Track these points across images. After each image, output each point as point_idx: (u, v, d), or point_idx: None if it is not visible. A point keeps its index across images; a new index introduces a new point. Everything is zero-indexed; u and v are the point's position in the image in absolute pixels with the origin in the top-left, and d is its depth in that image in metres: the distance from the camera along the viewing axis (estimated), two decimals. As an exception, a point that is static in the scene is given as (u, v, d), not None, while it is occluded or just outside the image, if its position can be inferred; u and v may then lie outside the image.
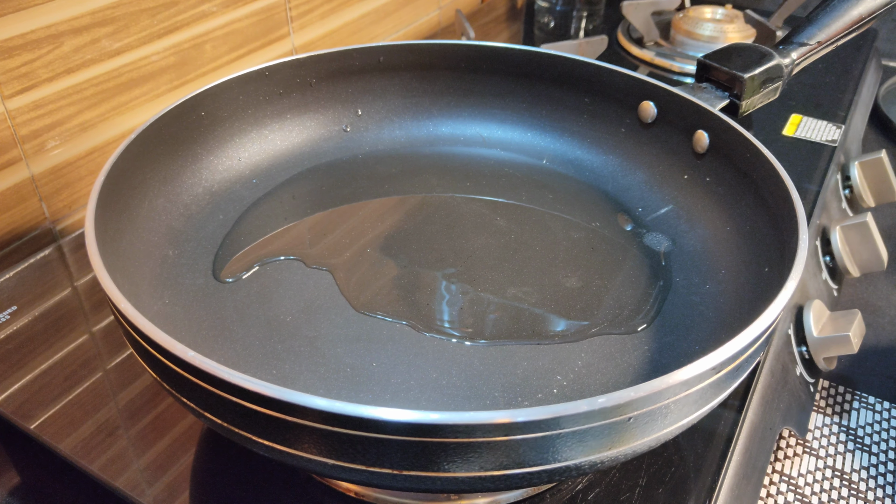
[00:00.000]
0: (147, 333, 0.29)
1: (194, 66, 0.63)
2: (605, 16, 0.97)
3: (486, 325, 0.42)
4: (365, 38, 0.83)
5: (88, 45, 0.54)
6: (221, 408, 0.29)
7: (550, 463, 0.28)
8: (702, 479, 0.38)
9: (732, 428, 0.41)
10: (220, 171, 0.51)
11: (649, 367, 0.39)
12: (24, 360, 0.44)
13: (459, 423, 0.25)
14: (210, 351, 0.39)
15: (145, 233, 0.44)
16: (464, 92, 0.59)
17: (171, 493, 0.37)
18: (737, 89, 0.51)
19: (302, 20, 0.73)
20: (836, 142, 0.68)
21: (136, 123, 0.59)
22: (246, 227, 0.49)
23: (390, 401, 0.37)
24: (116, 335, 0.46)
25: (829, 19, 0.53)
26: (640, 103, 0.52)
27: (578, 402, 0.26)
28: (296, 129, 0.56)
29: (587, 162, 0.56)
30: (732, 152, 0.46)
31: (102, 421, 0.41)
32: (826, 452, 0.52)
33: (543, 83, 0.57)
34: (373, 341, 0.40)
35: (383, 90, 0.58)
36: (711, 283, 0.44)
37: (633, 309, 0.43)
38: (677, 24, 0.85)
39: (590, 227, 0.50)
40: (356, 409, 0.26)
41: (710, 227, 0.48)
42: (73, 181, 0.56)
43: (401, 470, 0.27)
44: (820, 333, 0.52)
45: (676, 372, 0.28)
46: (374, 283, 0.45)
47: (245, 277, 0.45)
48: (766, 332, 0.31)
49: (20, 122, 0.51)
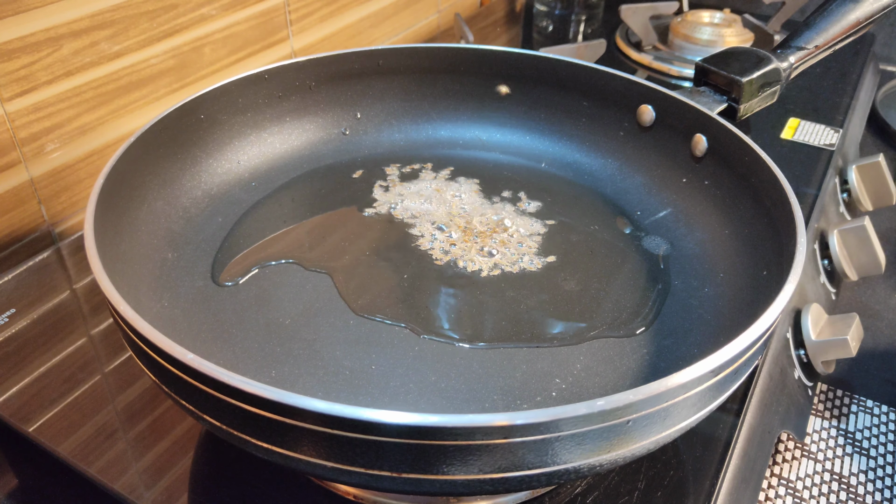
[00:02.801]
0: (146, 336, 0.29)
1: (193, 70, 0.63)
2: (604, 20, 0.97)
3: (484, 327, 0.42)
4: (364, 42, 0.83)
5: (88, 48, 0.54)
6: (220, 410, 0.29)
7: (549, 466, 0.28)
8: (700, 483, 0.38)
9: (731, 431, 0.41)
10: (219, 174, 0.51)
11: (648, 370, 0.40)
12: (23, 363, 0.44)
13: (458, 426, 0.25)
14: (209, 353, 0.39)
15: (144, 236, 0.44)
16: (463, 95, 0.59)
17: (170, 497, 0.37)
18: (735, 93, 0.51)
19: (301, 23, 0.73)
20: (833, 146, 0.68)
21: (135, 126, 0.59)
22: (245, 229, 0.49)
23: (389, 403, 0.37)
24: (115, 338, 0.46)
25: (827, 23, 0.53)
26: (639, 107, 0.53)
27: (577, 405, 0.26)
28: (295, 132, 0.56)
29: (586, 165, 0.56)
30: (731, 156, 0.46)
31: (101, 424, 0.41)
32: (824, 456, 0.52)
33: (542, 87, 0.57)
34: (371, 344, 0.40)
35: (382, 93, 0.58)
36: (710, 287, 0.44)
37: (632, 312, 0.43)
38: (675, 28, 0.85)
39: (588, 230, 0.50)
40: (355, 412, 0.26)
41: (708, 230, 0.48)
42: (72, 184, 0.56)
43: (399, 473, 0.27)
44: (818, 337, 0.52)
45: (675, 375, 0.28)
46: (373, 286, 0.45)
47: (244, 281, 0.45)
48: (764, 335, 0.31)
49: (19, 125, 0.51)
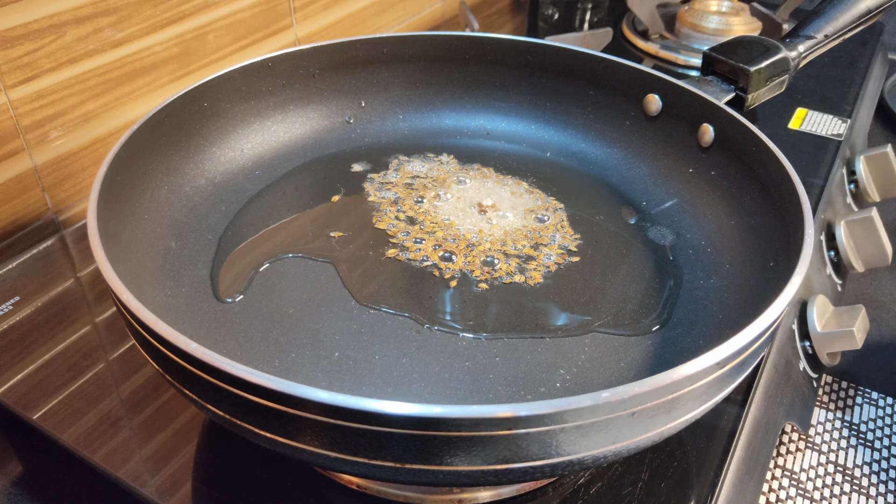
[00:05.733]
0: (149, 325, 0.29)
1: (197, 57, 0.62)
2: (610, 8, 0.97)
3: (488, 318, 0.42)
4: (368, 30, 0.83)
5: (91, 34, 0.53)
6: (223, 400, 0.28)
7: (553, 457, 0.28)
8: (704, 474, 0.38)
9: (735, 423, 0.41)
10: (223, 163, 0.51)
11: (653, 361, 0.39)
12: (27, 351, 0.44)
13: (462, 417, 0.25)
14: (212, 342, 0.39)
15: (148, 224, 0.43)
16: (468, 84, 0.58)
17: (174, 485, 0.37)
18: (743, 82, 0.50)
19: (305, 11, 0.72)
20: (841, 136, 0.67)
21: (138, 114, 0.59)
22: (248, 218, 0.49)
23: (393, 394, 0.37)
24: (119, 326, 0.46)
25: (836, 12, 0.53)
26: (645, 96, 0.52)
27: (582, 397, 0.26)
28: (299, 120, 0.56)
29: (591, 155, 0.55)
30: (738, 146, 0.46)
31: (105, 412, 0.41)
32: (829, 448, 0.52)
33: (548, 75, 0.56)
34: (375, 334, 0.40)
35: (386, 82, 0.57)
36: (716, 278, 0.44)
37: (638, 303, 0.43)
38: (683, 17, 0.84)
39: (594, 220, 0.50)
40: (358, 402, 0.26)
41: (714, 221, 0.47)
42: (76, 172, 0.56)
43: (403, 463, 0.27)
44: (824, 329, 0.52)
45: (680, 367, 0.28)
46: (377, 276, 0.44)
47: (247, 270, 0.44)
48: (770, 327, 0.31)
49: (23, 113, 0.51)
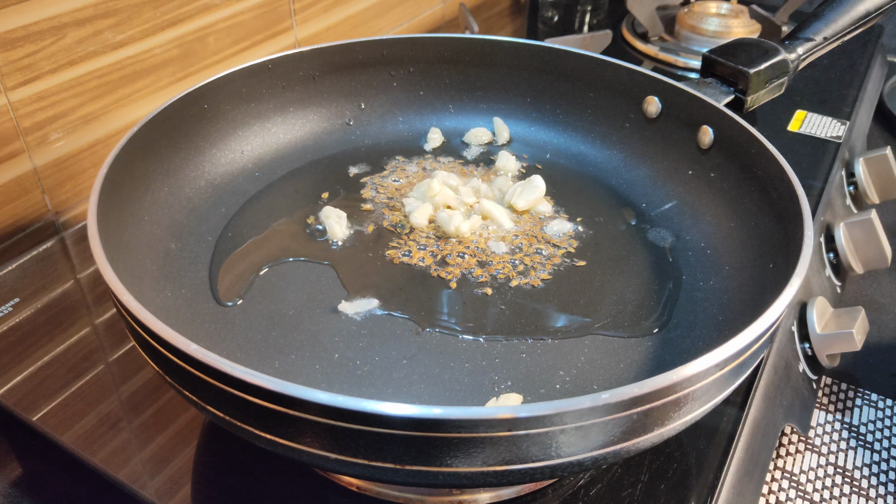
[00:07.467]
0: (149, 326, 0.29)
1: (197, 59, 0.62)
2: (610, 10, 0.97)
3: (488, 319, 0.42)
4: (368, 32, 0.83)
5: (91, 37, 0.53)
6: (223, 401, 0.28)
7: (553, 459, 0.28)
8: (704, 476, 0.38)
9: (735, 425, 0.41)
10: (223, 164, 0.51)
11: (652, 363, 0.39)
12: (27, 353, 0.44)
13: (462, 419, 0.25)
14: (212, 344, 0.39)
15: (148, 226, 0.43)
16: (467, 86, 0.58)
17: (173, 486, 0.37)
18: (742, 84, 0.50)
19: (305, 13, 0.72)
20: (840, 138, 0.67)
21: (138, 116, 0.59)
22: (248, 219, 0.49)
23: (392, 395, 0.37)
24: (118, 328, 0.46)
25: (836, 15, 0.53)
26: (645, 98, 0.52)
27: (581, 398, 0.26)
28: (298, 122, 0.56)
29: (591, 156, 0.55)
30: (737, 148, 0.46)
31: (104, 413, 0.41)
32: (828, 449, 0.52)
33: (547, 77, 0.56)
34: (375, 335, 0.40)
35: (386, 84, 0.58)
36: (715, 280, 0.44)
37: (637, 305, 0.43)
38: (682, 19, 0.84)
39: (594, 221, 0.50)
40: (358, 404, 0.26)
41: (714, 223, 0.47)
42: (76, 173, 0.56)
43: (403, 465, 0.27)
44: (823, 330, 0.52)
45: (680, 368, 0.28)
46: (377, 278, 0.44)
47: (247, 271, 0.44)
48: (770, 329, 0.31)
49: (23, 115, 0.51)
